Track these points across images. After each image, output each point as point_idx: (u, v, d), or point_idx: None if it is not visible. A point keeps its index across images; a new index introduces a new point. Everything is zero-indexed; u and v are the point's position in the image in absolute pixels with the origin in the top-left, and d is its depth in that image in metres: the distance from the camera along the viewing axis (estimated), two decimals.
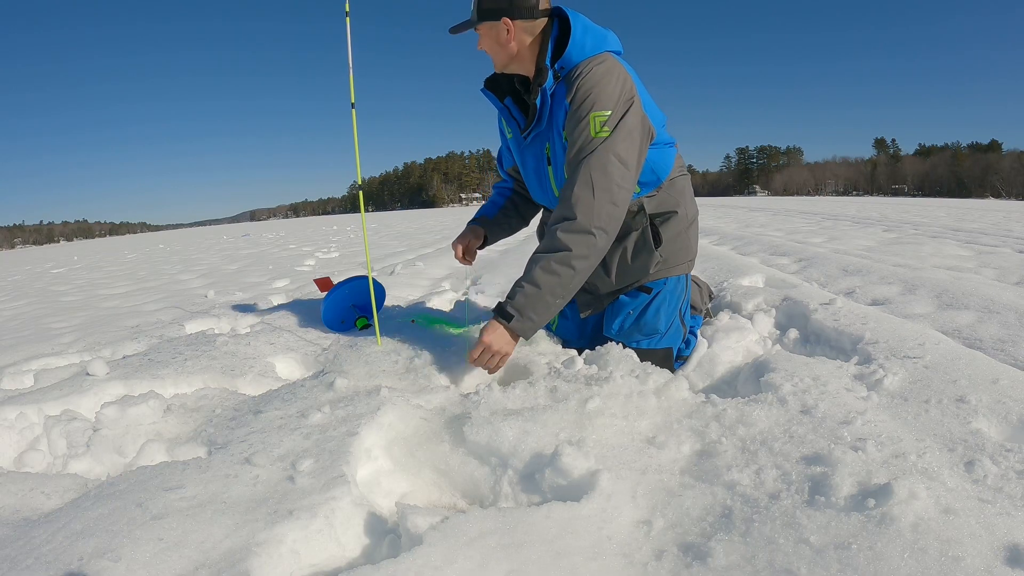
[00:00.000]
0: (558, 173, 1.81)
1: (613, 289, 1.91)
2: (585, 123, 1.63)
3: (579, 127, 1.64)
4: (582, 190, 1.60)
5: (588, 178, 1.60)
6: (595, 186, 1.60)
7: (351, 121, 1.96)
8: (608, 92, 1.63)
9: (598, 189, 1.60)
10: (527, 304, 1.63)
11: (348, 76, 1.96)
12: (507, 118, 1.92)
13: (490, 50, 1.79)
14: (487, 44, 1.78)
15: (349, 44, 1.96)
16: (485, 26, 1.75)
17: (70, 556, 0.96)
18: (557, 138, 1.77)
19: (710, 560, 0.92)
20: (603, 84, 1.63)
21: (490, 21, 1.73)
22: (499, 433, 1.28)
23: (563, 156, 1.76)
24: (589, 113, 1.62)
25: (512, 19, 1.71)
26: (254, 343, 2.20)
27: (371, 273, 2.24)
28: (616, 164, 1.61)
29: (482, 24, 1.74)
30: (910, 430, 1.27)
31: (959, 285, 2.65)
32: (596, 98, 1.62)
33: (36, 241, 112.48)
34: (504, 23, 1.71)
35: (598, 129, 1.62)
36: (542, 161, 1.86)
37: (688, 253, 1.94)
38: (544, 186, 1.91)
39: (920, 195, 64.78)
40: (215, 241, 18.13)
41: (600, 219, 1.61)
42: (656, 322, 1.87)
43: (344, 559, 1.04)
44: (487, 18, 1.73)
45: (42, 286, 7.48)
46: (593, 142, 1.62)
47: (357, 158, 2.00)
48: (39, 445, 1.52)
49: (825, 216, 11.13)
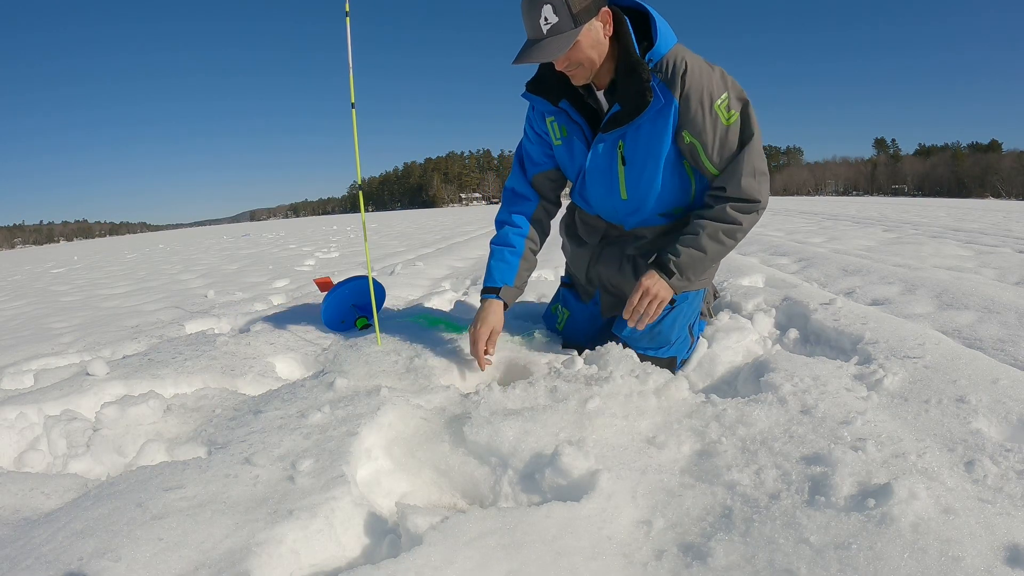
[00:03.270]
0: (632, 173, 1.72)
1: None
2: (712, 114, 1.59)
3: (707, 120, 1.59)
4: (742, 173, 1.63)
5: (743, 162, 1.63)
6: (751, 167, 1.63)
7: (351, 121, 1.96)
8: (712, 76, 1.60)
9: (751, 170, 1.64)
10: (690, 265, 1.69)
11: (348, 76, 1.96)
12: (565, 122, 1.76)
13: (585, 59, 1.55)
14: (583, 54, 1.53)
15: (349, 44, 1.96)
16: (585, 29, 1.49)
17: (70, 556, 0.96)
18: (642, 135, 1.65)
19: (710, 560, 0.92)
20: (705, 71, 1.59)
21: (590, 21, 1.49)
22: (499, 433, 1.28)
23: (644, 156, 1.67)
24: (711, 106, 1.59)
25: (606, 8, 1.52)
26: (254, 343, 2.20)
27: (371, 273, 2.24)
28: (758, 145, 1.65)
29: (582, 28, 1.48)
30: (910, 430, 1.27)
31: (959, 285, 2.65)
32: (709, 87, 1.58)
33: (36, 241, 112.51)
34: (603, 16, 1.51)
35: (728, 117, 1.61)
36: (614, 160, 1.72)
37: (715, 269, 1.95)
38: (611, 187, 1.78)
39: (920, 195, 64.78)
40: (215, 241, 18.13)
41: (766, 198, 1.68)
42: (669, 333, 1.85)
43: (344, 559, 1.04)
44: (588, 18, 1.48)
45: (42, 286, 7.48)
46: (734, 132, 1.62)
47: (357, 158, 2.00)
48: (39, 445, 1.52)
49: (825, 216, 11.13)
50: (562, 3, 1.44)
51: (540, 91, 1.75)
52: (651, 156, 1.68)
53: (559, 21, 1.46)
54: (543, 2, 1.45)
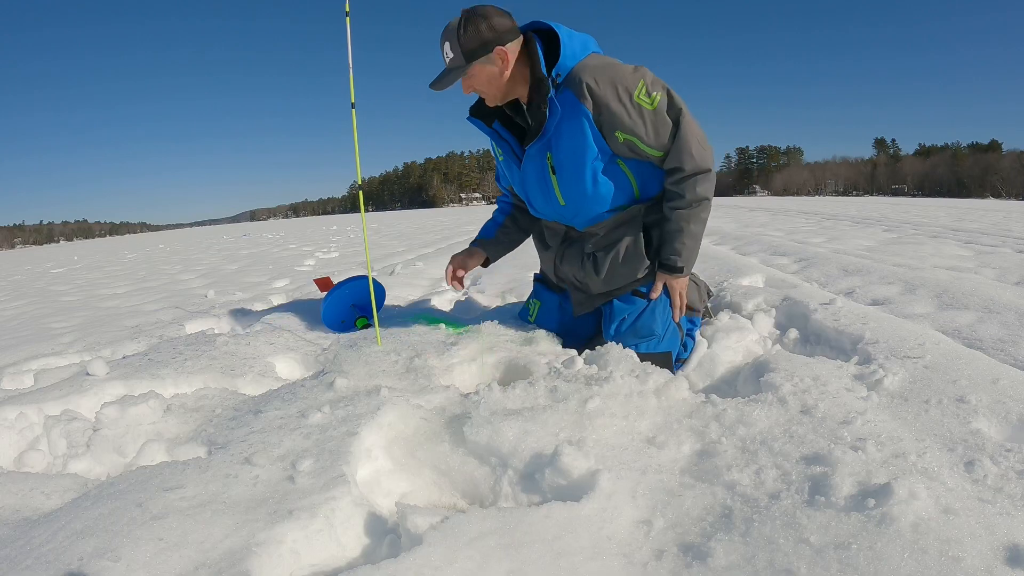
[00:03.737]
0: (564, 181, 1.83)
1: (603, 290, 1.95)
2: (635, 107, 1.69)
3: (633, 114, 1.70)
4: (690, 146, 1.72)
5: (686, 136, 1.72)
6: (694, 138, 1.73)
7: (351, 121, 1.96)
8: (624, 72, 1.70)
9: (695, 140, 1.73)
10: (691, 254, 1.84)
11: (348, 76, 1.96)
12: (497, 141, 1.96)
13: (484, 88, 1.78)
14: (479, 83, 1.76)
15: (349, 44, 1.96)
16: (476, 67, 1.72)
17: (70, 556, 0.96)
18: (564, 146, 1.78)
19: (710, 560, 0.92)
20: (615, 70, 1.69)
21: (481, 59, 1.70)
22: (499, 433, 1.28)
23: (570, 164, 1.79)
24: (631, 100, 1.69)
25: (504, 45, 1.71)
26: (254, 343, 2.20)
27: (371, 273, 2.24)
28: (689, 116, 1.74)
29: (472, 66, 1.71)
30: (910, 430, 1.27)
31: (959, 285, 2.65)
32: (623, 83, 1.68)
33: (36, 241, 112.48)
34: (498, 53, 1.70)
35: (652, 102, 1.70)
36: (545, 171, 1.86)
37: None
38: (548, 195, 1.91)
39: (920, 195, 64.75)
40: (215, 241, 18.13)
41: (711, 161, 1.77)
42: (652, 324, 1.89)
43: (344, 559, 1.04)
44: (476, 57, 1.70)
45: (42, 286, 7.48)
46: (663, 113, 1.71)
47: (357, 158, 2.00)
48: (39, 445, 1.52)
49: (825, 216, 11.13)
50: (456, 44, 1.69)
51: (478, 114, 1.94)
52: (577, 163, 1.79)
53: (454, 57, 1.71)
54: (444, 40, 1.72)
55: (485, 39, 1.68)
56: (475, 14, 1.69)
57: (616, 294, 1.94)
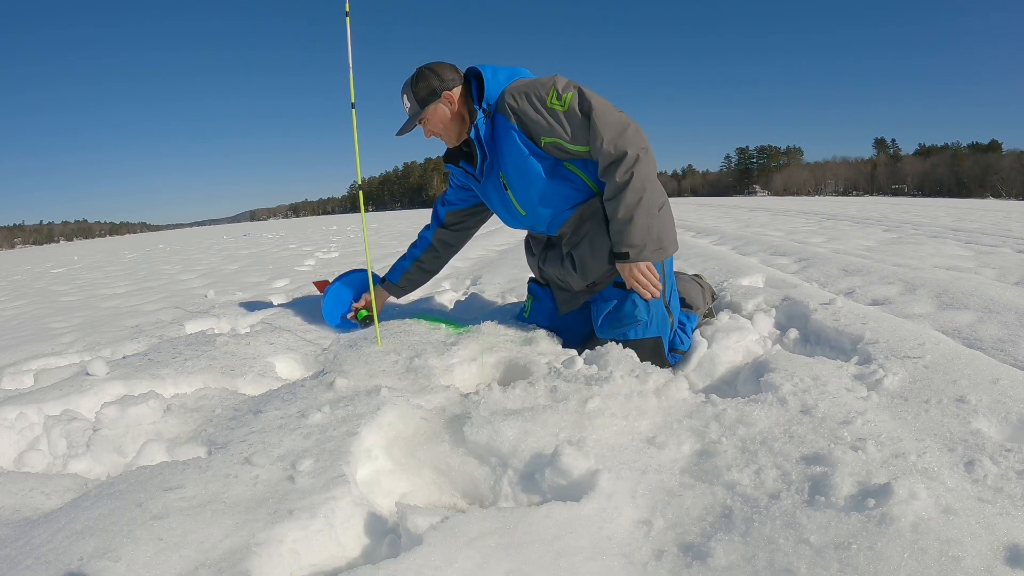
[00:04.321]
0: (518, 193, 1.97)
1: (583, 286, 2.00)
2: (549, 112, 1.81)
3: (549, 119, 1.82)
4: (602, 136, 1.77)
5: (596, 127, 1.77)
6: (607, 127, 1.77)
7: (351, 121, 1.96)
8: (538, 83, 1.84)
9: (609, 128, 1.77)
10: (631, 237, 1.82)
11: (348, 76, 1.96)
12: (466, 178, 2.14)
13: (439, 130, 1.99)
14: (436, 126, 1.97)
15: (349, 44, 1.96)
16: (429, 111, 1.93)
17: (70, 556, 0.96)
18: (508, 162, 1.93)
19: (710, 560, 0.92)
20: (530, 84, 1.85)
21: (432, 103, 1.92)
22: (499, 433, 1.28)
23: (518, 177, 1.93)
24: (544, 106, 1.81)
25: (450, 90, 1.92)
26: (254, 343, 2.20)
27: (371, 271, 2.24)
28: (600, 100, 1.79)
29: (425, 111, 1.93)
30: (910, 430, 1.27)
31: (959, 285, 2.65)
32: (536, 93, 1.82)
33: (36, 241, 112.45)
34: (446, 97, 1.92)
35: (563, 103, 1.80)
36: (501, 189, 2.01)
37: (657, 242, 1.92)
38: (510, 210, 2.05)
39: (920, 195, 64.76)
40: (215, 241, 18.13)
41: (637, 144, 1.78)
42: (635, 311, 1.91)
43: (344, 559, 1.04)
44: (429, 102, 1.92)
45: (42, 286, 7.48)
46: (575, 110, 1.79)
47: (357, 158, 2.00)
48: (39, 445, 1.52)
49: (825, 216, 11.13)
50: (411, 96, 1.94)
51: (448, 159, 2.17)
52: (523, 175, 1.92)
53: (411, 106, 1.95)
54: (403, 94, 1.97)
55: (433, 87, 1.92)
56: (424, 68, 1.95)
57: (597, 289, 1.99)
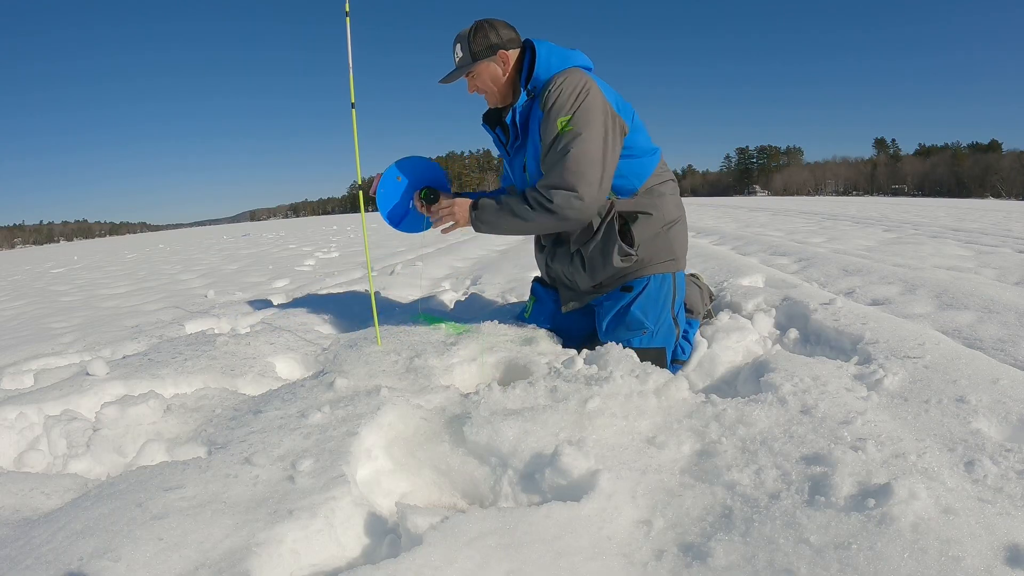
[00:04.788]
0: (532, 178, 1.97)
1: (589, 286, 2.00)
2: (553, 125, 1.81)
3: (548, 129, 1.82)
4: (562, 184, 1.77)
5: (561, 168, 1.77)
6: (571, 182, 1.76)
7: (351, 121, 1.96)
8: (567, 97, 1.80)
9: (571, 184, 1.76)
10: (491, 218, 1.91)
11: (348, 76, 1.96)
12: (497, 144, 2.13)
13: (486, 88, 1.97)
14: (483, 83, 1.95)
15: (349, 44, 1.96)
16: (481, 66, 1.92)
17: (70, 556, 0.96)
18: (531, 149, 1.93)
19: (710, 560, 0.92)
20: (564, 90, 1.80)
21: (486, 59, 1.90)
22: (499, 433, 1.28)
23: (535, 169, 1.93)
24: (557, 118, 1.80)
25: (506, 51, 1.91)
26: (254, 343, 2.20)
27: (371, 273, 2.24)
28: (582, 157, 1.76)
29: (477, 64, 1.91)
30: (910, 430, 1.27)
31: (959, 285, 2.65)
32: (560, 105, 1.79)
33: (36, 241, 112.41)
34: (501, 56, 1.91)
35: (563, 128, 1.79)
36: (521, 173, 2.03)
37: (668, 252, 1.96)
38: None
39: (920, 195, 64.72)
40: (215, 241, 18.13)
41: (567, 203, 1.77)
42: (642, 318, 1.90)
43: (344, 559, 1.04)
44: (483, 57, 1.90)
45: (42, 286, 7.48)
46: (560, 136, 1.79)
47: (357, 158, 2.00)
48: (39, 445, 1.52)
49: (825, 216, 11.13)
50: (466, 46, 1.91)
51: (487, 119, 2.14)
52: (539, 168, 1.91)
53: (463, 56, 1.93)
54: (456, 43, 1.94)
55: (491, 43, 1.89)
56: (484, 23, 1.92)
57: (604, 290, 1.99)
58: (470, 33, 1.90)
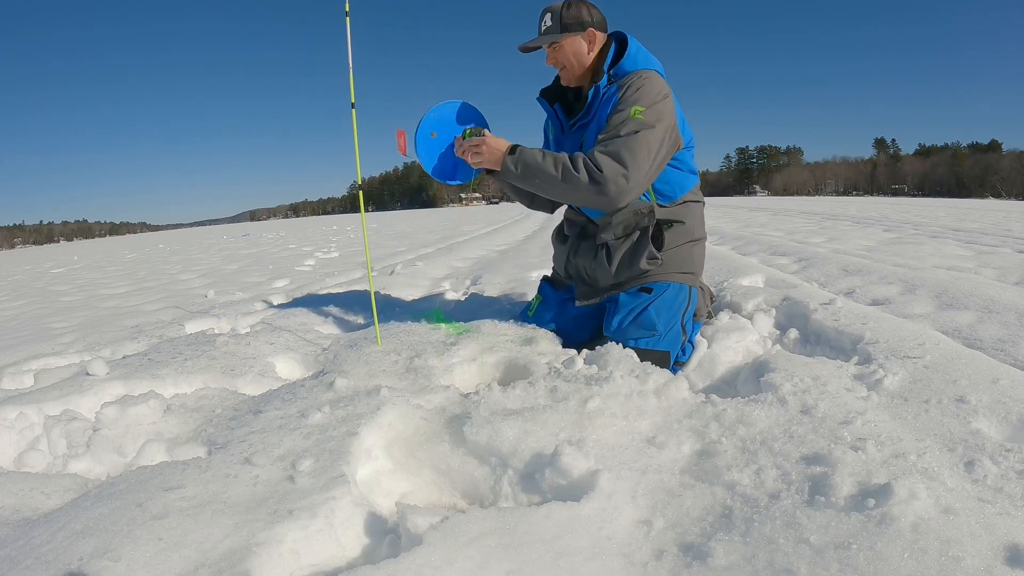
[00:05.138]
0: None
1: (611, 283, 2.00)
2: (627, 110, 1.83)
3: (620, 112, 1.84)
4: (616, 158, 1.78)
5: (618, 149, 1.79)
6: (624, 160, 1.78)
7: (351, 121, 1.96)
8: (648, 94, 1.84)
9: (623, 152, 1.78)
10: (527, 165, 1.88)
11: (348, 76, 1.96)
12: (553, 120, 2.14)
13: (567, 61, 1.97)
14: (564, 56, 1.96)
15: (349, 44, 1.96)
16: (567, 39, 1.94)
17: (70, 556, 0.96)
18: (594, 128, 1.94)
19: (710, 560, 0.92)
20: (646, 87, 1.85)
21: (574, 33, 1.93)
22: (499, 433, 1.28)
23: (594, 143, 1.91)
24: (633, 105, 1.83)
25: (597, 31, 1.95)
26: (254, 343, 2.20)
27: (371, 273, 2.24)
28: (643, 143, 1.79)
29: (564, 36, 1.93)
30: (910, 430, 1.27)
31: (959, 285, 2.65)
32: (638, 97, 1.83)
33: (36, 241, 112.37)
34: (589, 34, 1.94)
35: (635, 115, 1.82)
36: (576, 148, 1.99)
37: (690, 266, 2.04)
38: None
39: (920, 195, 64.69)
40: (215, 241, 18.13)
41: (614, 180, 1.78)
42: (655, 320, 1.92)
43: (344, 559, 1.04)
44: (572, 31, 1.93)
45: (42, 286, 7.48)
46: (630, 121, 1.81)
47: (357, 158, 2.00)
48: (39, 445, 1.52)
49: (825, 216, 11.13)
50: (557, 17, 1.93)
51: (545, 96, 2.15)
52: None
53: (551, 26, 1.94)
54: (546, 12, 1.96)
55: (582, 19, 1.93)
56: (579, 0, 1.95)
57: (622, 289, 2.00)
58: (563, 6, 1.92)
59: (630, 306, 1.95)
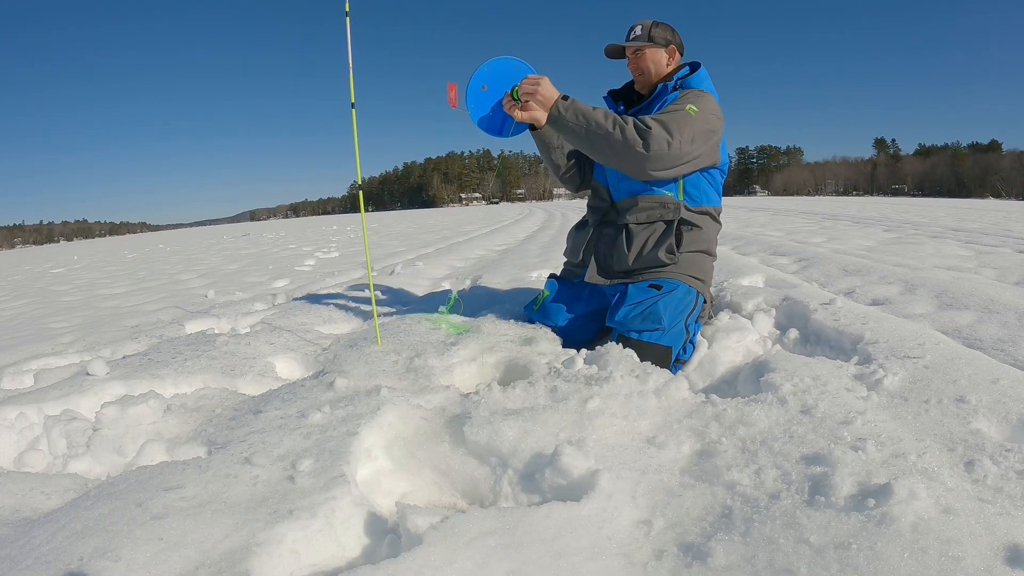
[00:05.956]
0: None
1: (626, 268, 2.07)
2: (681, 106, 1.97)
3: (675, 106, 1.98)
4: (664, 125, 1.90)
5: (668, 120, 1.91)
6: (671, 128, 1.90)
7: (351, 121, 1.96)
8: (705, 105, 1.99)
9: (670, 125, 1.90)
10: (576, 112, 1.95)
11: (348, 76, 1.96)
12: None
13: (645, 68, 2.18)
14: (645, 63, 2.17)
15: (349, 44, 1.96)
16: (651, 49, 2.16)
17: (70, 556, 0.96)
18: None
19: (710, 560, 0.92)
20: (705, 99, 2.02)
21: (658, 46, 2.16)
22: (499, 433, 1.28)
23: None
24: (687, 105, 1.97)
25: (677, 50, 2.19)
26: (254, 343, 2.20)
27: (371, 273, 2.24)
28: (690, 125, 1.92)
29: (649, 46, 2.15)
30: (910, 430, 1.27)
31: (959, 285, 2.65)
32: (696, 104, 1.98)
33: (36, 241, 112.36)
34: (670, 50, 2.18)
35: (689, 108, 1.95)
36: None
37: (702, 273, 2.10)
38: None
39: (920, 195, 64.69)
40: (215, 241, 18.13)
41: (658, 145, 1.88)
42: (662, 314, 1.93)
43: (344, 559, 1.04)
44: (657, 43, 2.16)
45: (42, 286, 7.48)
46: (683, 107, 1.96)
47: (357, 158, 2.00)
48: (39, 445, 1.52)
49: (825, 216, 11.12)
50: (647, 29, 2.17)
51: (612, 95, 2.33)
52: None
53: (639, 35, 2.17)
54: (638, 24, 2.19)
55: (668, 37, 2.17)
56: (667, 24, 2.21)
57: (633, 279, 2.06)
58: (652, 23, 2.17)
59: (637, 299, 1.98)
